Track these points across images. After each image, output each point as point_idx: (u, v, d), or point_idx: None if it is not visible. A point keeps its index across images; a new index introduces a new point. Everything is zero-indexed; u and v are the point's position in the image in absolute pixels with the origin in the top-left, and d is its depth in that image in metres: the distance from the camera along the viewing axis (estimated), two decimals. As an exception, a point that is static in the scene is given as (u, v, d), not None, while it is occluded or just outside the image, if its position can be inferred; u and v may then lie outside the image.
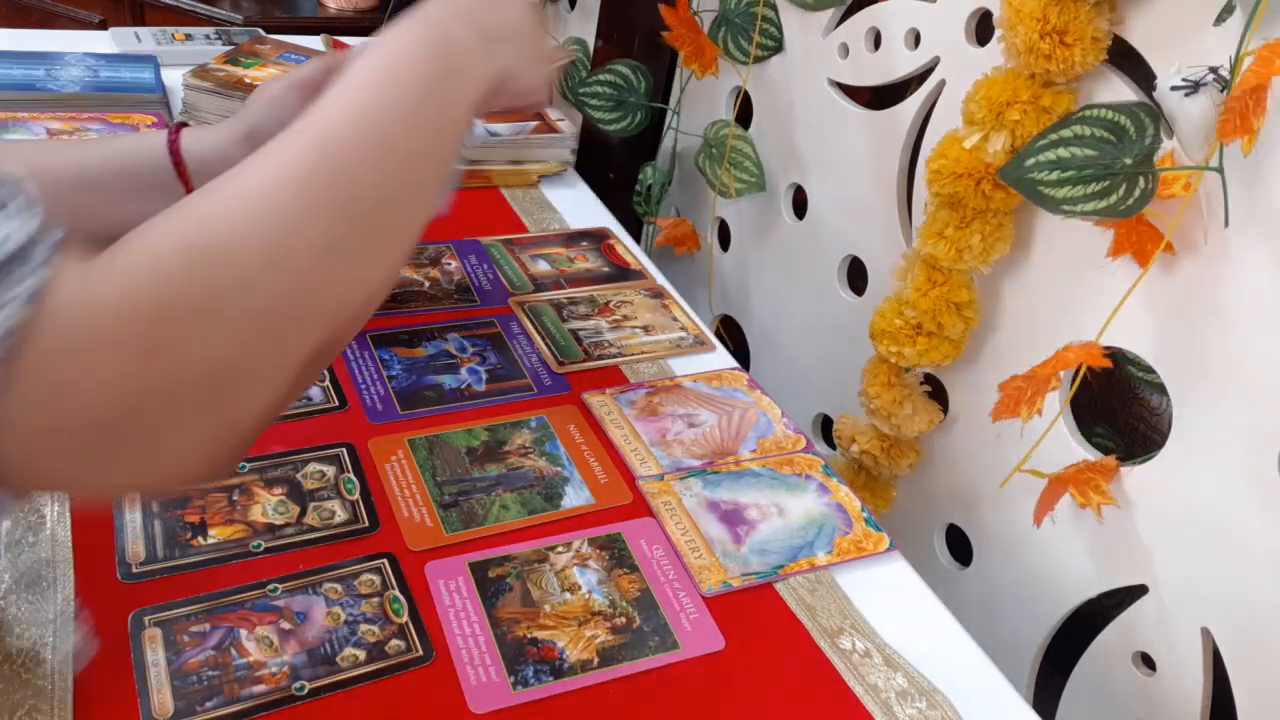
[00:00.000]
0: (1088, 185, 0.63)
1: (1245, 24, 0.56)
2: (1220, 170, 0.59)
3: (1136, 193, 0.62)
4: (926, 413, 0.83)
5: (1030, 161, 0.65)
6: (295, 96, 0.66)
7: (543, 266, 0.95)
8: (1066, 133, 0.64)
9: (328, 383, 0.74)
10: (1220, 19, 0.59)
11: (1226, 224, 0.61)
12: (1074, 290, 0.72)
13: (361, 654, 0.55)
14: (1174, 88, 0.58)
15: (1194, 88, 0.57)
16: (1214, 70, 0.57)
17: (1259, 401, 0.61)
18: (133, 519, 0.60)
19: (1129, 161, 0.62)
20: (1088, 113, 0.64)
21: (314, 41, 1.37)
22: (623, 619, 0.60)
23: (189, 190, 0.64)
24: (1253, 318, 0.61)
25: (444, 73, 0.48)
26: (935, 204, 0.75)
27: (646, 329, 0.87)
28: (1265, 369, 0.60)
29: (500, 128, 1.10)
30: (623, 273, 0.95)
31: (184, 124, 0.67)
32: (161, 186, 0.64)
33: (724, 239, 1.13)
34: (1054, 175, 0.64)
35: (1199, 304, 0.64)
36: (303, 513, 0.63)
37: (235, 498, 0.63)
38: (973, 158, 0.70)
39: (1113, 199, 0.63)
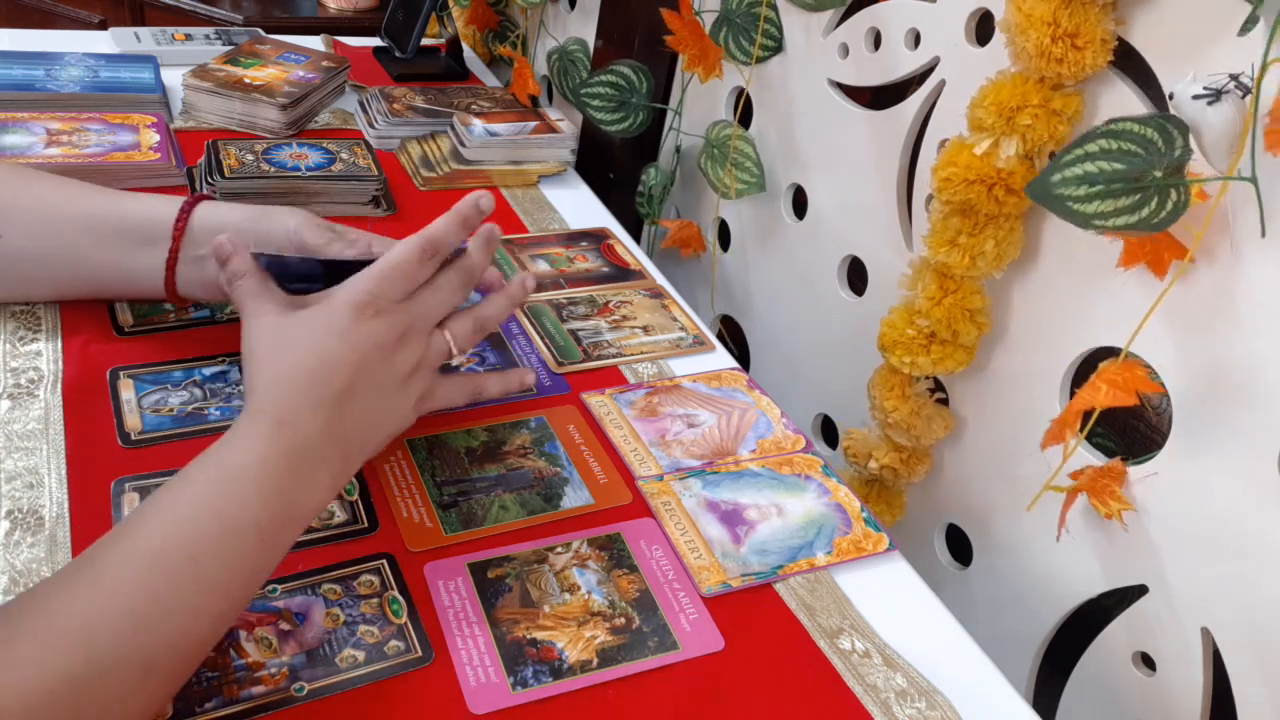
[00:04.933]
0: (1118, 199, 0.62)
1: (1270, 32, 0.55)
2: (1254, 180, 0.58)
3: (1169, 205, 0.61)
4: (942, 419, 0.83)
5: (1057, 178, 0.63)
6: (300, 246, 0.69)
7: (542, 266, 0.95)
8: (1093, 147, 0.63)
9: (327, 383, 0.74)
10: (1245, 29, 0.58)
11: (1263, 234, 0.60)
12: (1081, 292, 0.72)
13: (361, 655, 0.55)
14: (1195, 96, 0.57)
15: (1216, 96, 0.57)
16: (1234, 78, 0.57)
17: (1259, 400, 0.61)
18: (132, 519, 0.60)
19: (1159, 174, 0.61)
20: (1114, 126, 0.63)
21: (314, 41, 1.37)
22: (622, 619, 0.60)
23: (175, 247, 0.70)
24: (1251, 316, 0.61)
25: (288, 518, 0.54)
26: (944, 212, 0.74)
27: (646, 329, 0.87)
28: (1264, 367, 0.60)
29: (500, 128, 1.11)
30: (622, 273, 0.95)
31: (206, 196, 0.72)
32: (155, 242, 0.70)
33: (724, 239, 1.13)
34: (1083, 190, 0.63)
35: (1197, 304, 0.64)
36: (302, 513, 0.63)
37: (234, 498, 0.63)
38: (984, 164, 0.70)
39: (1144, 212, 0.61)
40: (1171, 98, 0.60)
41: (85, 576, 0.46)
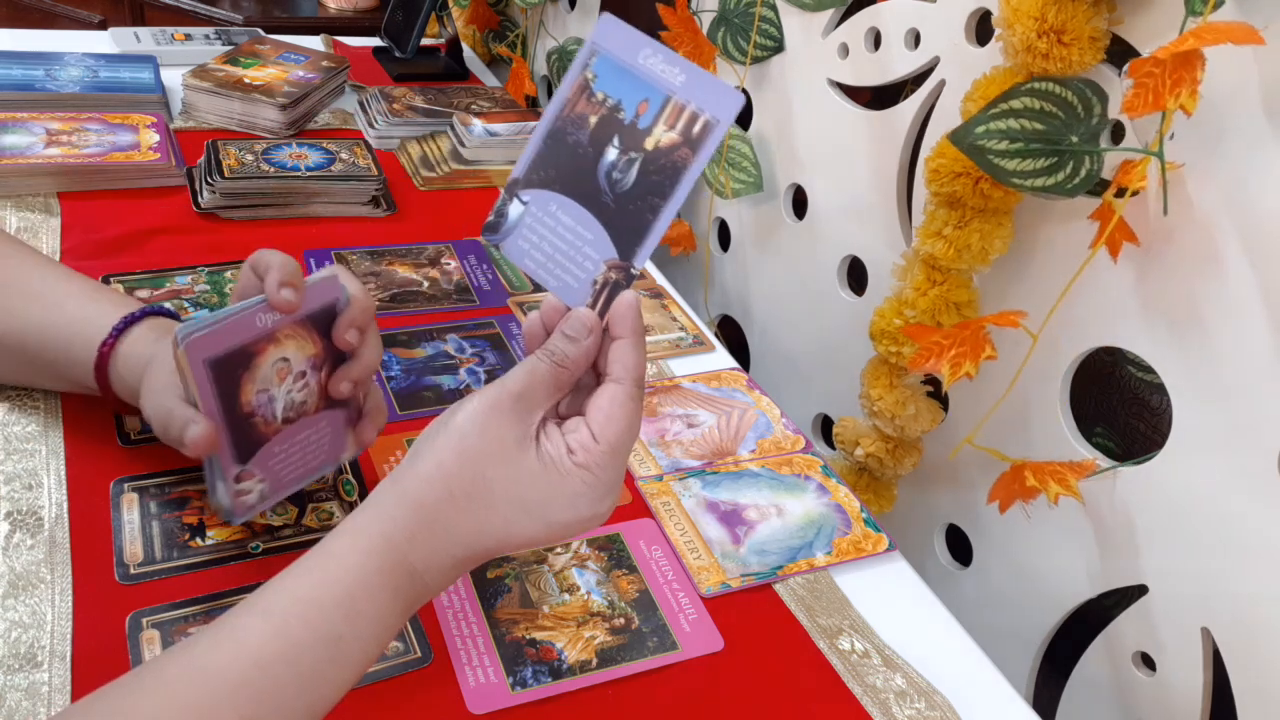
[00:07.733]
0: (1037, 159, 0.63)
1: (1185, 12, 0.56)
2: (1160, 155, 0.59)
3: (1083, 172, 0.63)
4: (929, 412, 0.83)
5: (980, 129, 0.65)
6: None
7: (542, 267, 0.94)
8: (1016, 103, 0.64)
9: (327, 383, 0.74)
10: (1195, 10, 0.58)
11: (1165, 212, 0.61)
12: (1073, 289, 0.72)
13: (360, 655, 0.55)
14: (1124, 75, 0.58)
15: None
16: None
17: (1259, 400, 0.61)
18: (131, 520, 0.60)
19: (1075, 139, 0.62)
20: (1036, 85, 0.64)
21: (314, 41, 1.37)
22: (621, 620, 0.60)
23: (103, 381, 0.60)
24: (1251, 315, 0.61)
25: (391, 623, 0.46)
26: (934, 203, 0.75)
27: (646, 329, 0.87)
28: (1264, 367, 0.60)
29: (500, 128, 1.10)
30: (622, 273, 0.95)
31: (132, 320, 0.61)
32: (81, 383, 0.62)
33: (724, 239, 1.13)
34: (1003, 145, 0.64)
35: (1197, 302, 0.64)
36: (301, 514, 0.63)
37: (234, 499, 0.63)
38: None
39: (1060, 176, 0.63)
40: (1122, 76, 0.61)
41: None
